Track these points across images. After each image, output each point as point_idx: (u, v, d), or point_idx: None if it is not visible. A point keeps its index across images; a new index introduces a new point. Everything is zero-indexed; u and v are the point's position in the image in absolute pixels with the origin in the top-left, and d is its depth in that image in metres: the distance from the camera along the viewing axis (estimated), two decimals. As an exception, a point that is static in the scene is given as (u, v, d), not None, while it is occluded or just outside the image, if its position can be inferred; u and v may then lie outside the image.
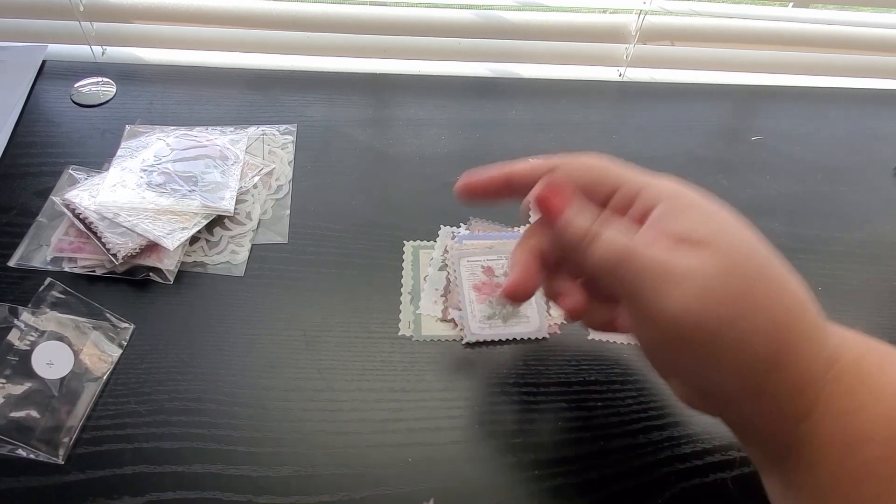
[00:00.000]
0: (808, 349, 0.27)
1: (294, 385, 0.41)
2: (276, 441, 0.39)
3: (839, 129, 0.61)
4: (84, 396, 0.39)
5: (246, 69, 0.61)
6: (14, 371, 0.39)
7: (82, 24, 0.61)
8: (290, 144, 0.54)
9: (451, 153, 0.55)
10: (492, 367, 0.43)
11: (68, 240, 0.46)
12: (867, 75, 0.69)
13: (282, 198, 0.51)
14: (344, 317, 0.44)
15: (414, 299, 0.45)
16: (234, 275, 0.46)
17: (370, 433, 0.39)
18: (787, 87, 0.66)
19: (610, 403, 0.41)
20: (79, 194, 0.47)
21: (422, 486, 0.37)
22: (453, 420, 0.40)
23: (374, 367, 0.42)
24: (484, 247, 0.48)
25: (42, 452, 0.37)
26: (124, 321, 0.43)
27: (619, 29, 0.64)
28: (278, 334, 0.43)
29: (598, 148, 0.57)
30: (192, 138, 0.52)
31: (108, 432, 0.38)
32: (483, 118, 0.58)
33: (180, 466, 0.37)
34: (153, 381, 0.41)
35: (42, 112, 0.56)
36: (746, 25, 0.65)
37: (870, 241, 0.52)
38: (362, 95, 0.59)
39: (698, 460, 0.39)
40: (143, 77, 0.59)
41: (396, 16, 0.63)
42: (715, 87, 0.64)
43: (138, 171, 0.49)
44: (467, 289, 0.45)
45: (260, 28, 0.63)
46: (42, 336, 0.40)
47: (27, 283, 0.44)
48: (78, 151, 0.52)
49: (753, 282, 0.27)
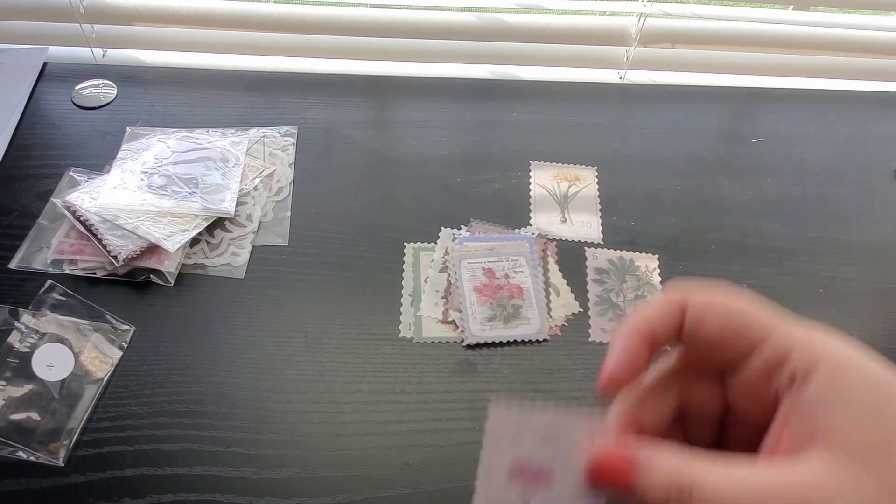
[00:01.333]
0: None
1: (295, 387, 0.41)
2: (276, 443, 0.39)
3: (839, 132, 0.61)
4: (84, 398, 0.39)
5: (246, 71, 0.61)
6: (14, 373, 0.39)
7: (83, 26, 0.61)
8: (291, 146, 0.54)
9: (451, 155, 0.55)
10: (492, 368, 0.43)
11: (69, 242, 0.46)
12: (867, 78, 0.69)
13: (282, 200, 0.51)
14: (344, 319, 0.44)
15: (415, 301, 0.45)
16: (235, 277, 0.46)
17: (371, 435, 0.39)
18: (788, 89, 0.66)
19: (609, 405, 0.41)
20: (79, 196, 0.47)
21: (422, 487, 0.37)
22: (454, 422, 0.40)
23: (375, 369, 0.42)
24: (485, 249, 0.48)
25: (42, 455, 0.37)
26: (125, 323, 0.43)
27: (619, 32, 0.64)
28: (279, 336, 0.43)
29: (599, 149, 0.57)
30: (193, 140, 0.52)
31: (108, 434, 0.38)
32: (483, 120, 0.58)
33: (181, 468, 0.37)
34: (154, 382, 0.41)
35: (43, 114, 0.56)
36: (746, 28, 0.65)
37: (870, 243, 0.52)
38: (363, 97, 0.60)
39: (699, 462, 0.39)
40: (143, 79, 0.60)
41: (397, 18, 0.63)
42: (715, 90, 0.64)
43: (139, 174, 0.49)
44: (468, 290, 0.45)
45: (260, 30, 0.63)
46: (42, 338, 0.40)
47: (28, 286, 0.44)
48: (79, 154, 0.52)
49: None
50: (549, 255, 0.48)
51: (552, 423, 0.25)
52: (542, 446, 0.25)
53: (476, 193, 0.52)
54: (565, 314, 0.45)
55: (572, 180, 0.54)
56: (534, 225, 0.50)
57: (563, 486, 0.24)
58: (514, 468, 0.24)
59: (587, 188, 0.53)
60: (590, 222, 0.51)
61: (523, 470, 0.24)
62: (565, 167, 0.55)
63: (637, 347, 0.24)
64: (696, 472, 0.21)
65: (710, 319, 0.23)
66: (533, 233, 0.49)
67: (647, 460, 0.22)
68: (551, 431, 0.25)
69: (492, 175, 0.54)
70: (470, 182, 0.53)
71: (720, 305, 0.24)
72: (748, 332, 0.23)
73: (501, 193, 0.52)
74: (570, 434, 0.24)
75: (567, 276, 0.47)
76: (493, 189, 0.53)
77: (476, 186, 0.53)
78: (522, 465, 0.24)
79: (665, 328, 0.24)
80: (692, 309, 0.24)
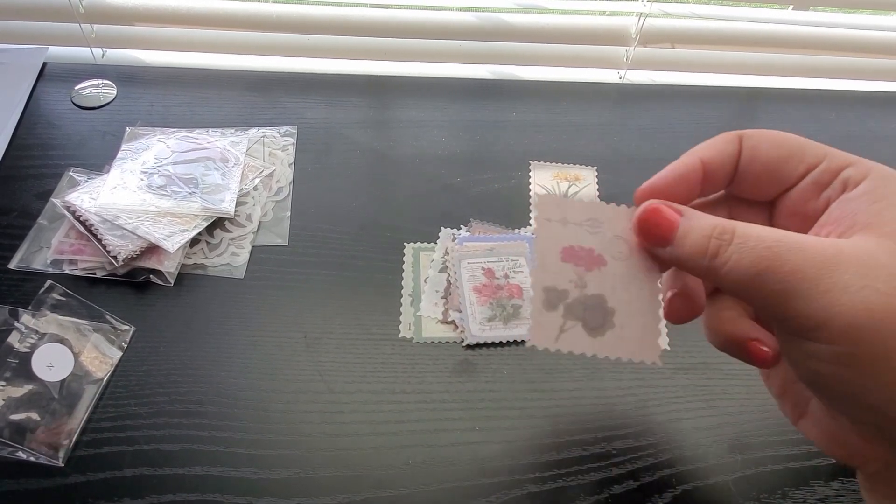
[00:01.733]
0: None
1: (294, 387, 0.41)
2: (276, 443, 0.39)
3: (839, 132, 0.61)
4: (84, 399, 0.39)
5: (246, 71, 0.61)
6: (14, 373, 0.39)
7: (82, 26, 0.61)
8: (291, 146, 0.54)
9: (451, 155, 0.55)
10: (492, 368, 0.43)
11: (69, 242, 0.46)
12: (867, 78, 0.69)
13: (282, 200, 0.51)
14: (344, 319, 0.44)
15: (414, 301, 0.45)
16: (235, 277, 0.46)
17: (371, 435, 0.39)
18: (787, 89, 0.66)
19: (611, 405, 0.41)
20: (79, 196, 0.47)
21: (422, 487, 0.37)
22: (454, 422, 0.40)
23: (375, 369, 0.42)
24: (484, 249, 0.48)
25: (42, 455, 0.37)
26: (125, 323, 0.43)
27: (619, 31, 0.64)
28: (279, 336, 0.43)
29: (599, 150, 0.57)
30: (193, 140, 0.52)
31: (108, 434, 0.38)
32: (483, 120, 0.58)
33: (180, 468, 0.37)
34: (153, 383, 0.41)
35: (43, 114, 0.56)
36: (746, 28, 0.65)
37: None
38: (363, 97, 0.60)
39: (700, 462, 0.39)
40: (143, 79, 0.60)
41: (397, 18, 0.63)
42: (715, 90, 0.64)
43: (139, 174, 0.49)
44: (468, 291, 0.45)
45: (260, 30, 0.63)
46: (42, 338, 0.40)
47: (27, 286, 0.44)
48: (78, 153, 0.52)
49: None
50: (549, 255, 0.48)
51: (595, 210, 0.27)
52: (589, 232, 0.27)
53: (476, 193, 0.52)
54: (565, 314, 0.45)
55: (572, 180, 0.54)
56: (534, 225, 0.50)
57: (615, 269, 0.26)
58: (566, 251, 0.26)
59: (587, 188, 0.53)
60: (590, 222, 0.51)
61: (574, 253, 0.26)
62: (565, 167, 0.55)
63: (692, 163, 0.26)
64: (738, 223, 0.23)
65: (766, 145, 0.25)
66: (533, 233, 0.49)
67: (693, 213, 0.24)
68: (595, 216, 0.27)
69: (492, 175, 0.54)
70: (470, 182, 0.53)
71: (775, 135, 0.26)
72: (804, 155, 0.25)
73: (501, 193, 0.52)
74: (612, 221, 0.27)
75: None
76: (493, 189, 0.53)
77: (476, 186, 0.53)
78: (574, 249, 0.26)
79: (722, 156, 0.26)
80: (749, 138, 0.26)
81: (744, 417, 0.41)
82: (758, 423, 0.41)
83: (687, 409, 0.41)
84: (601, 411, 0.41)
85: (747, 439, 0.40)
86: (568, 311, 0.26)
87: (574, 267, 0.26)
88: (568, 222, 0.27)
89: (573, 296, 0.26)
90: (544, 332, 0.25)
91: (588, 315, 0.26)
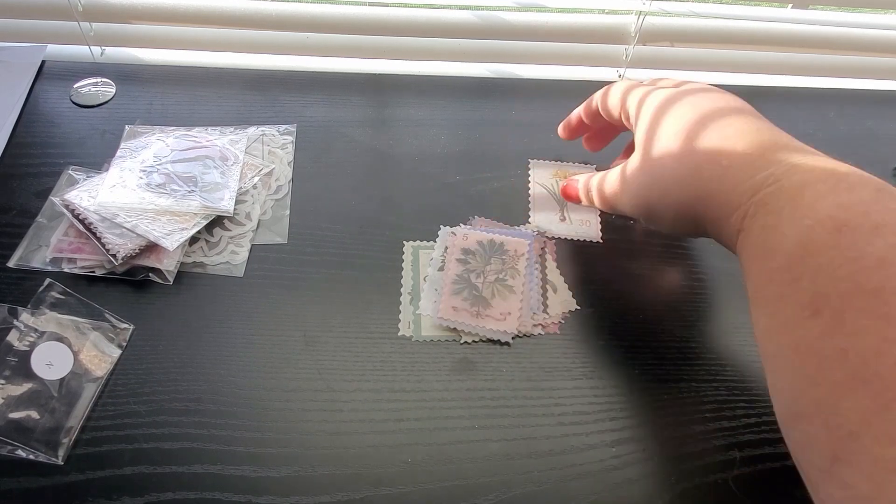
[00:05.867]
0: (729, 183, 0.34)
1: (294, 385, 0.41)
2: (275, 441, 0.39)
3: (838, 130, 0.61)
4: (83, 397, 0.39)
5: (245, 70, 0.61)
6: (13, 372, 0.39)
7: (81, 24, 0.61)
8: (290, 145, 0.54)
9: (450, 153, 0.55)
10: (492, 366, 0.43)
11: (68, 240, 0.46)
12: (866, 76, 0.69)
13: (281, 198, 0.51)
14: (344, 317, 0.44)
15: (414, 300, 0.45)
16: (234, 275, 0.46)
17: (370, 433, 0.39)
18: (787, 87, 0.66)
19: (610, 404, 0.41)
20: (78, 195, 0.47)
21: (421, 486, 0.37)
22: (453, 420, 0.40)
23: (374, 368, 0.42)
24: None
25: (41, 453, 0.37)
26: (124, 322, 0.43)
27: (618, 30, 0.64)
28: (278, 335, 0.43)
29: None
30: (192, 139, 0.52)
31: (107, 433, 0.38)
32: (483, 118, 0.58)
33: (180, 467, 0.37)
34: (153, 381, 0.41)
35: (41, 112, 0.56)
36: (746, 26, 0.65)
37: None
38: (362, 96, 0.59)
39: (699, 460, 0.39)
40: (142, 77, 0.59)
41: (396, 16, 0.63)
42: (714, 88, 0.64)
43: (138, 172, 0.49)
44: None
45: (259, 28, 0.63)
46: (41, 337, 0.40)
47: (26, 284, 0.44)
48: (77, 152, 0.52)
49: (659, 169, 0.39)
50: (548, 253, 0.48)
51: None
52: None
53: (475, 192, 0.52)
54: (563, 311, 0.45)
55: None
56: (533, 223, 0.50)
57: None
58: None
59: (586, 186, 0.53)
60: (589, 221, 0.51)
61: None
62: (564, 166, 0.55)
63: (577, 115, 0.50)
64: (591, 179, 0.47)
65: (603, 106, 0.46)
66: (532, 231, 0.49)
67: (576, 178, 0.49)
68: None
69: (491, 173, 0.54)
70: (469, 180, 0.53)
71: (608, 98, 0.45)
72: (621, 105, 0.44)
73: (500, 192, 0.52)
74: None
75: (565, 274, 0.47)
76: (493, 187, 0.53)
77: (475, 185, 0.53)
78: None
79: (590, 110, 0.48)
80: (595, 100, 0.47)
81: (742, 415, 0.41)
82: (756, 421, 0.41)
83: (685, 407, 0.41)
84: (600, 410, 0.41)
85: (746, 437, 0.40)
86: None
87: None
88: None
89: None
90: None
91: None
